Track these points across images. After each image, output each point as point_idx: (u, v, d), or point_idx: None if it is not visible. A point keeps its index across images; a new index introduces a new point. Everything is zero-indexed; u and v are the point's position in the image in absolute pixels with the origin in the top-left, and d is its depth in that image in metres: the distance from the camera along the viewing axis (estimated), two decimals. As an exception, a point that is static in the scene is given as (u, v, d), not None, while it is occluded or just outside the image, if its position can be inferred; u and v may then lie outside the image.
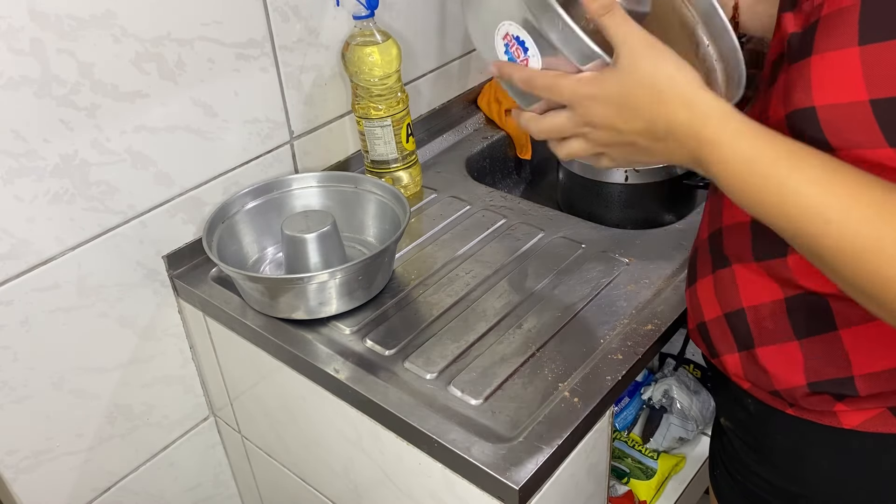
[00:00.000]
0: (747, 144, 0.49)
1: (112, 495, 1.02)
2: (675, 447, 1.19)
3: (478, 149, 1.22)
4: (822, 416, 0.62)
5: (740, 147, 0.49)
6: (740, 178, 0.49)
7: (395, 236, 0.84)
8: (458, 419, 0.72)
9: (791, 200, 0.47)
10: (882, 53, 0.46)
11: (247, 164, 0.99)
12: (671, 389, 1.18)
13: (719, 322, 0.67)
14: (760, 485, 0.71)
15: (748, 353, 0.65)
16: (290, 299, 0.83)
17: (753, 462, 0.71)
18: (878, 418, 0.60)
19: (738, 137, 0.49)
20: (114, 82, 0.82)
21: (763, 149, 0.49)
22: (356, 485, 0.89)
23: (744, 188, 0.49)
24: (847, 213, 0.46)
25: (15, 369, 0.85)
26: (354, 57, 0.99)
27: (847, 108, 0.48)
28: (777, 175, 0.48)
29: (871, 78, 0.47)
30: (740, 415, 0.71)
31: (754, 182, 0.49)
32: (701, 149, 0.51)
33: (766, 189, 0.48)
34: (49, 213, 0.82)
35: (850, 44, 0.48)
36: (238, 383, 0.99)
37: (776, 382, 0.63)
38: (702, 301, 0.69)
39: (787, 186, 0.47)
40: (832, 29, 0.49)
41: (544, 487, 0.70)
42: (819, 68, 0.49)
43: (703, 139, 0.50)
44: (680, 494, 1.15)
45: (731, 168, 0.50)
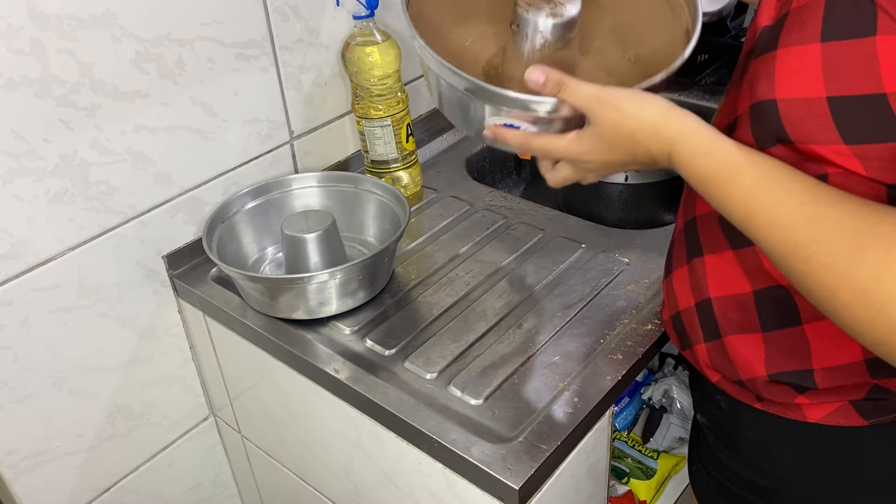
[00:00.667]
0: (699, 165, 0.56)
1: (112, 495, 1.02)
2: (675, 447, 1.19)
3: (478, 149, 1.22)
4: (786, 409, 0.64)
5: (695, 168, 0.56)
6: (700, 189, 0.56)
7: (395, 236, 0.84)
8: (458, 419, 0.72)
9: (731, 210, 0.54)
10: (841, 51, 0.48)
11: (247, 164, 0.99)
12: (671, 389, 1.18)
13: (690, 312, 0.68)
14: (732, 479, 0.72)
15: (716, 343, 0.66)
16: (290, 299, 0.83)
17: (725, 457, 0.72)
18: (839, 412, 0.61)
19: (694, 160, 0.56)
20: (114, 82, 0.82)
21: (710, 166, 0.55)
22: (356, 485, 0.89)
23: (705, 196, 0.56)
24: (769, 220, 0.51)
25: (15, 369, 0.85)
26: (354, 57, 0.99)
27: (806, 103, 0.50)
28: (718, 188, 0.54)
29: (830, 75, 0.48)
30: (713, 411, 0.72)
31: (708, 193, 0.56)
32: (673, 166, 0.59)
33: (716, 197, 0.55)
34: (49, 213, 0.82)
35: (813, 39, 0.49)
36: (238, 383, 0.99)
37: (741, 372, 0.65)
38: (677, 291, 0.70)
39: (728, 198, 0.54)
40: (799, 23, 0.50)
41: (544, 487, 0.70)
42: (783, 61, 0.51)
43: (672, 161, 0.58)
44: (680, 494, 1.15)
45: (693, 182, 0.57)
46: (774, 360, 0.62)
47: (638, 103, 0.59)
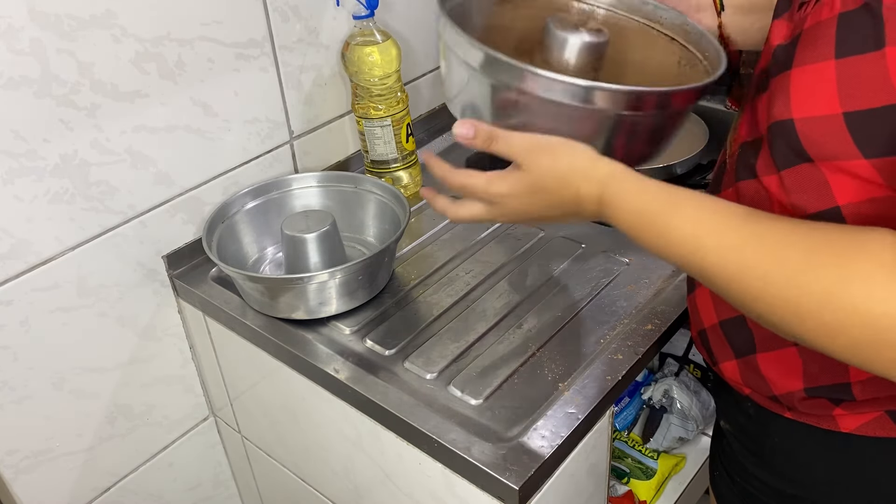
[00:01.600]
0: (634, 200, 0.57)
1: (112, 495, 1.02)
2: (675, 447, 1.19)
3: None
4: (819, 419, 0.62)
5: (629, 203, 0.57)
6: (635, 227, 0.57)
7: (395, 236, 0.84)
8: (458, 419, 0.72)
9: (673, 241, 0.54)
10: (855, 66, 0.48)
11: (247, 163, 0.99)
12: (671, 389, 1.18)
13: (716, 330, 0.67)
14: (758, 487, 0.71)
15: (746, 360, 0.65)
16: (290, 299, 0.83)
17: (752, 464, 0.71)
18: (875, 422, 0.60)
19: (628, 196, 0.57)
20: (114, 82, 0.82)
21: (643, 202, 0.56)
22: (356, 485, 0.89)
23: (639, 234, 0.57)
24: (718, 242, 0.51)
25: (15, 369, 0.85)
26: (354, 57, 0.98)
27: (822, 121, 0.50)
28: (657, 222, 0.55)
29: (845, 90, 0.49)
30: (740, 418, 0.71)
31: (645, 228, 0.56)
32: (603, 209, 0.59)
33: (653, 234, 0.55)
34: (49, 213, 0.82)
35: (827, 57, 0.49)
36: (238, 383, 0.99)
37: (774, 388, 0.63)
38: (700, 309, 0.69)
39: (668, 230, 0.54)
40: (812, 42, 0.51)
41: (544, 487, 0.70)
42: (797, 81, 0.51)
43: (603, 202, 0.59)
44: (680, 494, 1.15)
45: (624, 221, 0.58)
46: (811, 374, 0.61)
47: (571, 149, 0.59)
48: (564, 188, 0.59)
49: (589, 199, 0.59)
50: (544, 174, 0.60)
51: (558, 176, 0.59)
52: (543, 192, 0.60)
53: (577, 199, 0.59)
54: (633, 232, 0.57)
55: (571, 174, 0.59)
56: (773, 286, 0.48)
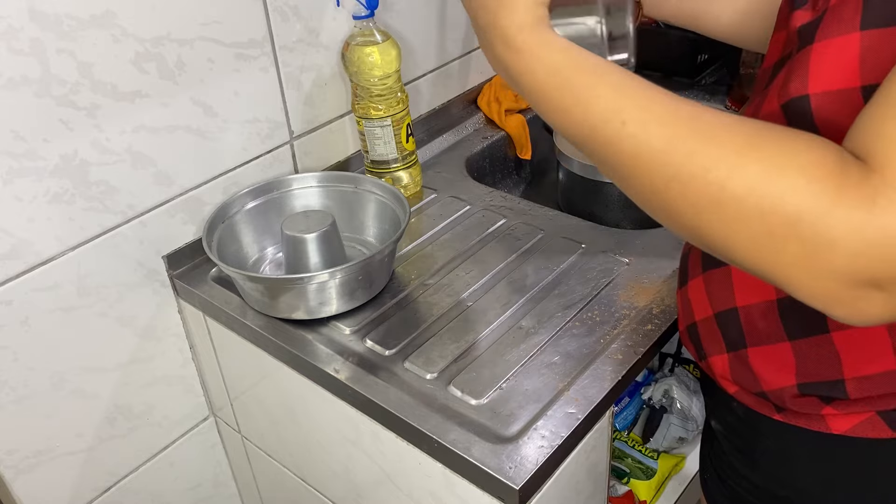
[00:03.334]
0: (554, 55, 0.49)
1: (112, 495, 1.02)
2: (675, 447, 1.19)
3: (478, 149, 1.22)
4: (809, 420, 0.62)
5: (547, 57, 0.49)
6: (545, 86, 0.49)
7: (395, 236, 0.84)
8: (458, 419, 0.72)
9: (591, 104, 0.47)
10: (881, 39, 0.46)
11: (247, 164, 0.99)
12: (671, 389, 1.18)
13: (709, 322, 0.66)
14: (748, 488, 0.71)
15: (737, 354, 0.64)
16: (290, 299, 0.83)
17: (741, 465, 0.71)
18: (866, 423, 0.60)
19: (546, 48, 0.49)
20: (113, 82, 0.82)
21: (568, 59, 0.49)
22: (356, 485, 0.89)
23: (548, 95, 0.49)
24: (642, 112, 0.46)
25: (15, 369, 0.85)
26: (354, 57, 0.99)
27: (838, 95, 0.48)
28: (579, 82, 0.48)
29: (867, 63, 0.46)
30: (729, 418, 0.70)
31: (558, 89, 0.49)
32: (509, 55, 0.51)
33: (569, 95, 0.48)
34: (49, 213, 0.82)
35: (852, 29, 0.47)
36: (238, 383, 0.99)
37: (763, 384, 0.63)
38: (693, 301, 0.69)
39: (587, 91, 0.48)
40: (837, 17, 0.49)
41: (544, 487, 0.70)
42: (818, 55, 0.49)
43: (512, 46, 0.50)
44: (680, 494, 1.15)
45: (536, 77, 0.50)
46: (805, 370, 0.60)
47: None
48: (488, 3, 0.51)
49: (500, 28, 0.50)
50: None
51: None
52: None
53: (489, 22, 0.51)
54: (545, 90, 0.50)
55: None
56: (698, 165, 0.44)
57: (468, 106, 1.29)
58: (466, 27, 1.23)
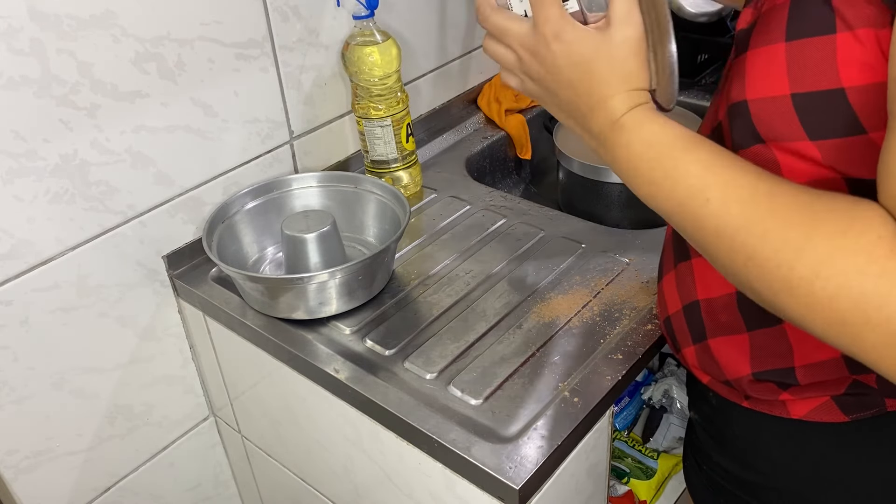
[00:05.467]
0: (650, 130, 0.53)
1: (112, 495, 1.02)
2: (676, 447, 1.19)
3: (478, 149, 1.22)
4: (771, 406, 0.64)
5: (645, 132, 0.53)
6: (637, 160, 0.53)
7: (395, 236, 0.84)
8: (458, 419, 0.72)
9: (679, 180, 0.50)
10: (804, 49, 0.48)
11: (247, 164, 0.99)
12: (671, 389, 1.18)
13: (679, 315, 0.69)
14: (721, 474, 0.73)
15: (702, 345, 0.67)
16: (290, 299, 0.83)
17: (715, 453, 0.73)
18: (821, 408, 0.62)
19: (646, 123, 0.53)
20: (114, 82, 0.82)
21: (663, 135, 0.52)
22: (356, 485, 0.89)
23: (639, 169, 0.53)
24: (725, 190, 0.48)
25: (15, 369, 0.85)
26: (354, 57, 0.98)
27: (772, 102, 0.50)
28: (670, 156, 0.51)
29: (794, 72, 0.49)
30: (705, 408, 0.73)
31: (649, 163, 0.52)
32: (612, 130, 0.54)
33: (658, 169, 0.52)
34: (49, 213, 0.82)
35: (779, 39, 0.50)
36: (238, 383, 0.99)
37: (727, 372, 0.65)
38: (666, 295, 0.71)
39: (676, 168, 0.51)
40: (767, 25, 0.51)
41: (544, 487, 0.70)
42: (752, 62, 0.52)
43: (617, 124, 0.54)
44: (680, 494, 1.15)
45: (632, 150, 0.53)
46: (759, 359, 0.62)
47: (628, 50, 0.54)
48: (597, 85, 0.54)
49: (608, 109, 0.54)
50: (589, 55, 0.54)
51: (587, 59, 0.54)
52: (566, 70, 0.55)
53: (599, 101, 0.54)
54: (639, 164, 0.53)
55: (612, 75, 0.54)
56: (770, 247, 0.45)
57: (468, 106, 1.29)
58: (466, 27, 1.23)
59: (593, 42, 0.54)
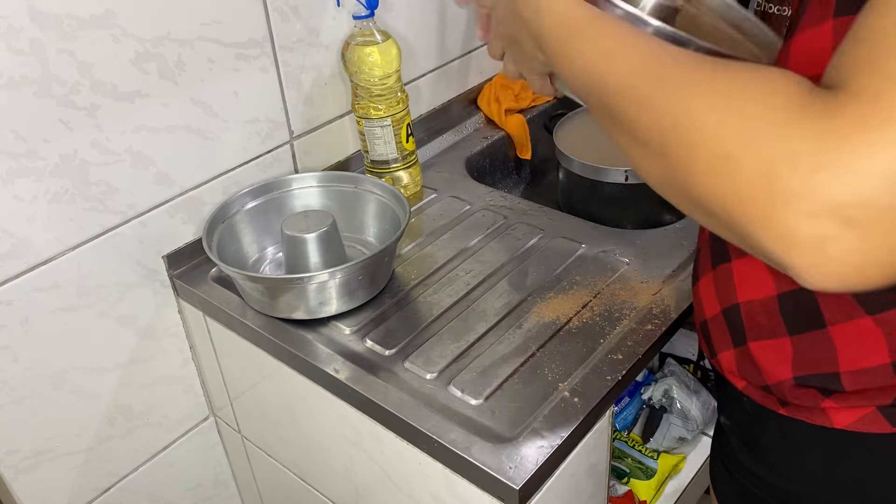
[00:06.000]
0: (567, 12, 0.53)
1: (112, 495, 1.02)
2: (676, 447, 1.19)
3: (478, 149, 1.22)
4: (812, 414, 0.62)
5: (563, 14, 0.53)
6: (555, 32, 0.54)
7: (395, 236, 0.84)
8: (458, 419, 0.72)
9: (587, 49, 0.51)
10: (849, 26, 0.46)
11: (247, 163, 0.99)
12: (671, 389, 1.18)
13: (717, 319, 0.67)
14: (755, 482, 0.71)
15: (742, 349, 0.65)
16: (290, 299, 0.83)
17: (749, 460, 0.71)
18: (867, 418, 0.60)
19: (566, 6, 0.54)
20: (114, 82, 0.82)
21: (579, 14, 0.52)
22: (356, 485, 0.89)
23: (559, 39, 0.54)
24: (629, 52, 0.48)
25: (15, 369, 0.85)
26: (354, 57, 0.99)
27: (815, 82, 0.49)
28: (584, 30, 0.52)
29: None
30: (738, 414, 0.71)
31: (565, 35, 0.53)
32: (539, 13, 0.55)
33: (571, 41, 0.52)
34: (49, 213, 0.82)
35: (827, 18, 0.48)
36: (238, 383, 0.99)
37: (767, 377, 0.64)
38: (703, 299, 0.69)
39: (584, 39, 0.51)
40: (816, 6, 0.50)
41: (544, 487, 0.70)
42: (797, 44, 0.51)
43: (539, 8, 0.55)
44: (680, 494, 1.15)
45: (551, 26, 0.54)
46: (801, 363, 0.61)
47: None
48: None
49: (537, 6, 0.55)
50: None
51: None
52: None
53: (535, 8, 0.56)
54: (557, 39, 0.54)
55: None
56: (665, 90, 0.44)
57: (468, 106, 1.29)
58: (466, 27, 1.23)
59: None
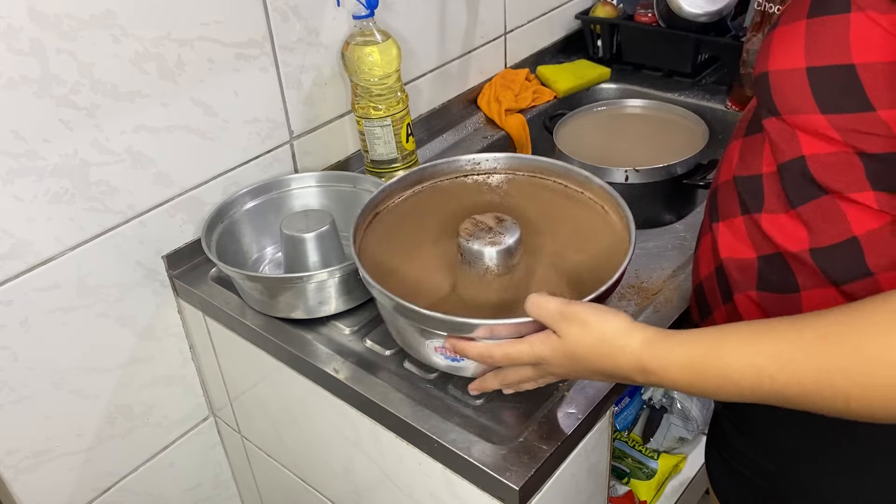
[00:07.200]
0: (678, 357, 0.55)
1: (112, 495, 1.02)
2: (676, 447, 1.19)
3: (478, 149, 1.22)
4: None
5: (674, 362, 0.55)
6: (690, 381, 0.55)
7: (394, 236, 0.84)
8: (458, 419, 0.72)
9: (734, 377, 0.52)
10: (822, 25, 0.53)
11: (246, 163, 0.99)
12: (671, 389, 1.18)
13: (711, 277, 0.69)
14: (742, 461, 0.73)
15: (730, 305, 0.67)
16: (290, 298, 0.83)
17: (736, 440, 0.73)
18: None
19: (670, 357, 0.55)
20: (113, 82, 0.82)
21: (690, 353, 0.54)
22: (356, 485, 0.89)
23: (698, 385, 0.54)
24: (778, 362, 0.49)
25: (15, 369, 0.85)
26: (354, 57, 0.98)
27: (789, 74, 0.55)
28: (711, 364, 0.53)
29: (810, 47, 0.54)
30: None
31: (701, 378, 0.54)
32: (648, 376, 0.57)
33: (711, 378, 0.53)
34: (49, 213, 0.82)
35: (802, 17, 0.55)
36: (238, 383, 0.99)
37: None
38: (701, 259, 0.72)
39: (723, 367, 0.52)
40: (795, 4, 0.56)
41: (544, 487, 0.70)
42: (778, 38, 0.57)
43: (646, 371, 0.56)
44: (680, 494, 1.15)
45: (679, 378, 0.55)
46: None
47: (601, 319, 0.58)
48: (600, 359, 0.58)
49: (631, 369, 0.57)
50: (577, 344, 0.59)
51: (591, 346, 0.58)
52: (582, 360, 0.59)
53: (618, 368, 0.58)
54: (691, 386, 0.55)
55: (604, 346, 0.58)
56: (855, 373, 0.47)
57: (468, 106, 1.29)
58: (466, 27, 1.23)
59: (561, 344, 0.60)
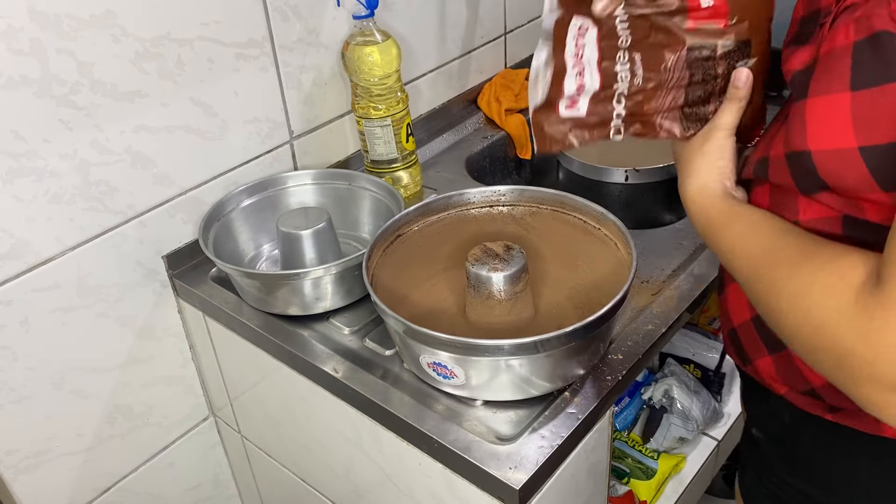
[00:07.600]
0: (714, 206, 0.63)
1: (112, 495, 1.02)
2: (676, 447, 1.18)
3: (478, 149, 1.22)
4: (860, 420, 0.60)
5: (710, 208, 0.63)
6: (700, 227, 0.63)
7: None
8: (458, 419, 0.72)
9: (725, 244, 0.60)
10: (871, 99, 0.47)
11: (246, 163, 0.99)
12: (671, 389, 1.18)
13: (748, 326, 0.66)
14: (793, 494, 0.70)
15: (781, 354, 0.64)
16: (286, 295, 0.83)
17: (786, 473, 0.70)
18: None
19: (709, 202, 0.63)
20: (113, 82, 0.82)
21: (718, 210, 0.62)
22: (356, 485, 0.89)
23: (703, 236, 0.64)
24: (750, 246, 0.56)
25: (15, 369, 0.85)
26: (354, 57, 0.98)
27: (838, 154, 0.50)
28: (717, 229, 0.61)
29: (860, 124, 0.48)
30: (773, 426, 0.70)
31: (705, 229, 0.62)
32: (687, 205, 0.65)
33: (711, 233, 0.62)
34: (49, 213, 0.82)
35: (843, 88, 0.48)
36: (238, 383, 0.99)
37: (813, 380, 0.62)
38: (731, 307, 0.68)
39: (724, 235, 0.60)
40: (828, 71, 0.50)
41: (544, 487, 0.70)
42: (813, 112, 0.51)
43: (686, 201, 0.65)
44: (680, 494, 1.14)
45: (696, 220, 0.64)
46: None
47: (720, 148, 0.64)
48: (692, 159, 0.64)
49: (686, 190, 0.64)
50: None
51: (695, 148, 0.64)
52: None
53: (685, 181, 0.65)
54: (701, 222, 0.63)
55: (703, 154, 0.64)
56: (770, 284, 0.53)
57: (468, 106, 1.29)
58: (466, 27, 1.23)
59: None
